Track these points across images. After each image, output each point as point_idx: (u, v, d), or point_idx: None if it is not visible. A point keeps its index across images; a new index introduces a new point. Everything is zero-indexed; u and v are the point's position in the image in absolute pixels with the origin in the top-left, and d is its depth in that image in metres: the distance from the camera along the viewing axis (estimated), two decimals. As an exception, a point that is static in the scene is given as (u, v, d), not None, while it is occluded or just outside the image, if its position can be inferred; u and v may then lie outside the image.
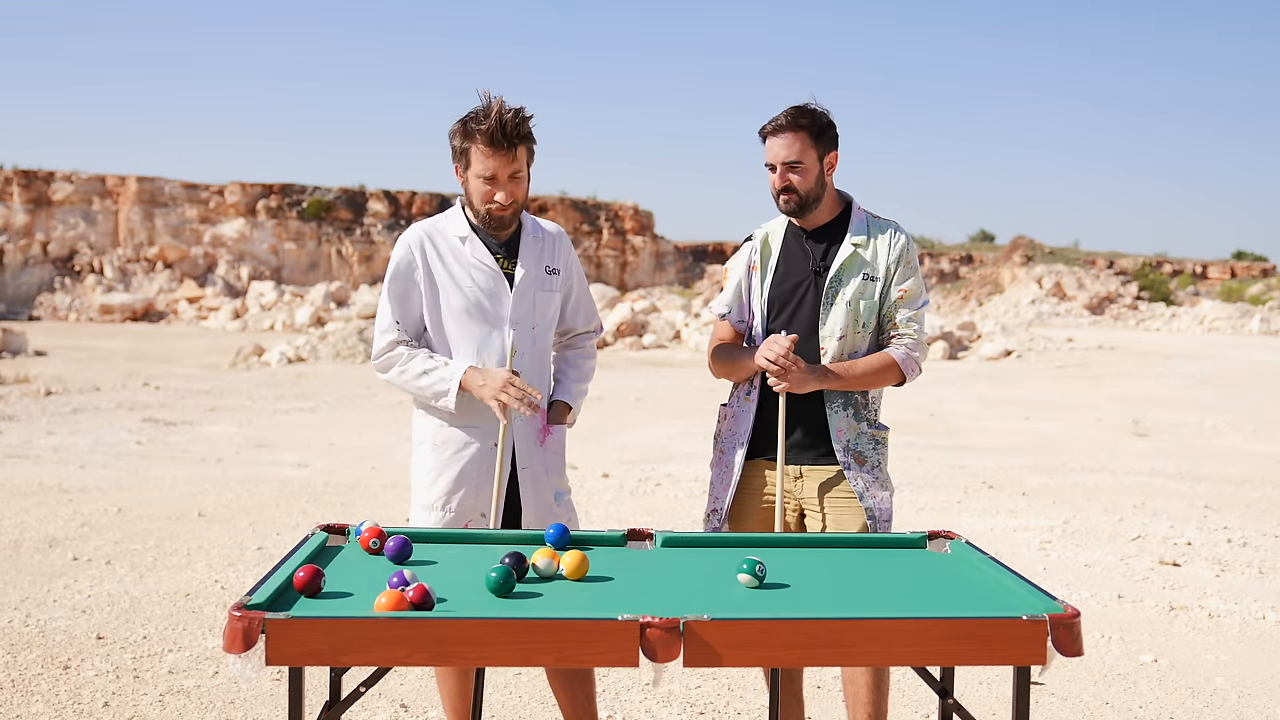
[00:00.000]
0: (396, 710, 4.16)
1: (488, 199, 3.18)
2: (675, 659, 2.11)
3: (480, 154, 3.13)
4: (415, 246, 3.28)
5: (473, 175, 3.17)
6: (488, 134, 3.09)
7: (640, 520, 7.37)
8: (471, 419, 3.26)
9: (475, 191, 3.19)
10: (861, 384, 3.29)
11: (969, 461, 10.52)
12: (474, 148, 3.13)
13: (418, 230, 3.33)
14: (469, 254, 3.27)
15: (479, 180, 3.16)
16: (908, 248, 3.35)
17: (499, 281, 3.27)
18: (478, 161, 3.14)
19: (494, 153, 3.11)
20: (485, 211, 3.21)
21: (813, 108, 3.30)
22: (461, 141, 3.16)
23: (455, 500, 3.25)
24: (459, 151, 3.19)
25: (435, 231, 3.31)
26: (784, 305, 3.36)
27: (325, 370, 20.16)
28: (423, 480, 3.31)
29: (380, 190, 52.19)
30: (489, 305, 3.26)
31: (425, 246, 3.28)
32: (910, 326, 3.33)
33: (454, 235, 3.29)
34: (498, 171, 3.14)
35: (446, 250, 3.28)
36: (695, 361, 23.40)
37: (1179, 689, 4.56)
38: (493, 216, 3.22)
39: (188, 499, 7.95)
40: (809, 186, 3.28)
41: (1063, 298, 51.91)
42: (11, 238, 45.79)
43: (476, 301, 3.25)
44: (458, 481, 3.25)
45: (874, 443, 3.33)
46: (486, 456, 3.25)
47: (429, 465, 3.29)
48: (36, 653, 4.66)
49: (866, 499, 3.27)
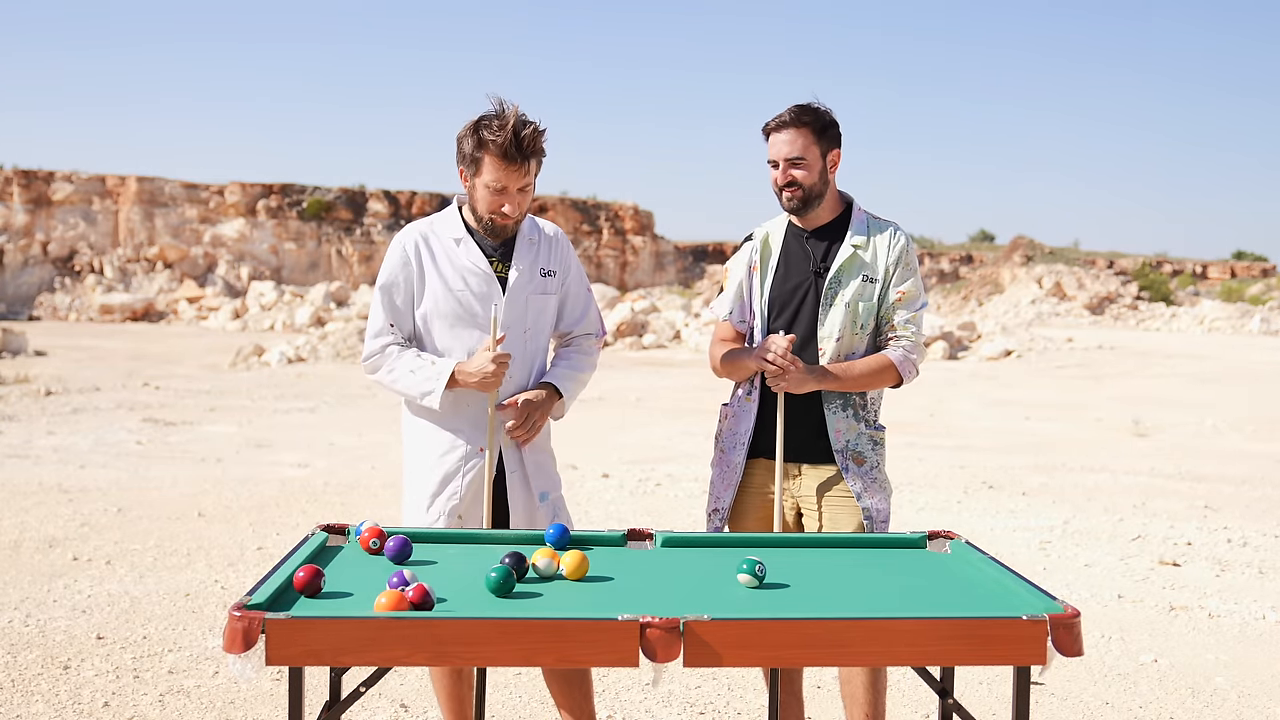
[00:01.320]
0: (396, 710, 4.16)
1: (495, 209, 3.17)
2: (675, 659, 2.11)
3: (492, 165, 3.10)
4: (410, 248, 3.27)
5: (481, 183, 3.15)
6: (502, 147, 3.06)
7: (640, 520, 7.37)
8: (459, 421, 3.25)
9: (482, 199, 3.18)
10: (859, 385, 3.29)
11: (969, 461, 10.52)
12: (486, 157, 3.10)
13: (412, 231, 3.31)
14: (463, 257, 3.25)
15: (487, 190, 3.15)
16: (907, 249, 3.35)
17: (491, 285, 3.25)
18: (489, 171, 3.12)
19: (506, 166, 3.09)
20: (489, 220, 3.21)
21: (816, 105, 3.30)
22: (474, 149, 3.12)
23: (441, 502, 3.24)
24: (469, 157, 3.15)
25: (430, 233, 3.29)
26: (784, 306, 3.36)
27: (325, 370, 20.16)
28: (413, 482, 3.30)
29: (380, 190, 52.20)
30: (480, 309, 3.23)
31: (420, 248, 3.26)
32: (908, 328, 3.33)
33: (448, 237, 3.28)
34: (508, 184, 3.13)
35: (440, 252, 3.26)
36: (695, 361, 23.40)
37: (1179, 689, 4.56)
38: (496, 226, 3.21)
39: (188, 499, 7.95)
40: (812, 182, 3.28)
41: (1063, 298, 51.92)
42: (11, 238, 45.78)
43: (468, 305, 3.24)
44: (444, 483, 3.25)
45: (872, 443, 3.33)
46: (474, 459, 3.25)
47: (418, 467, 3.29)
48: (36, 653, 4.66)
49: (864, 500, 3.27)
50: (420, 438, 3.31)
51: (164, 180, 48.96)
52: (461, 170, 3.20)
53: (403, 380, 3.23)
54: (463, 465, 3.24)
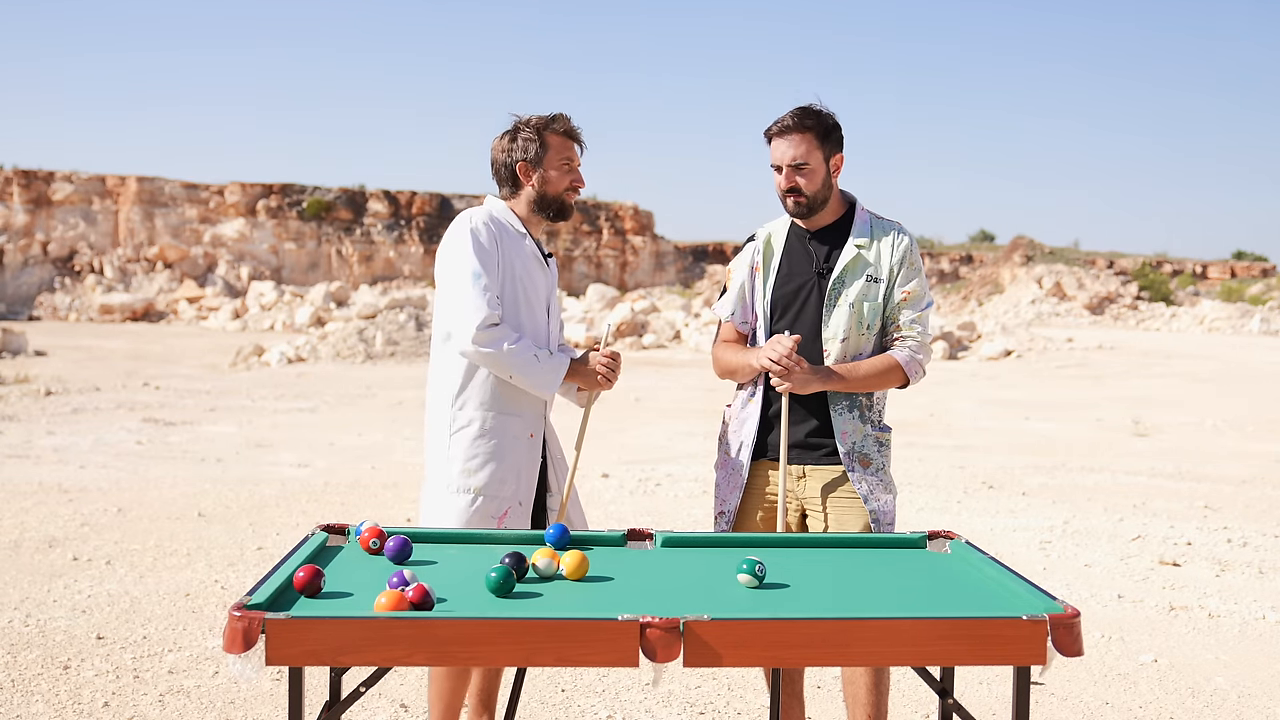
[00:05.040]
0: (396, 710, 4.17)
1: (574, 182, 3.42)
2: (675, 659, 2.11)
3: (561, 144, 3.39)
4: (494, 229, 3.34)
5: (551, 166, 3.38)
6: (566, 127, 3.40)
7: (640, 520, 7.37)
8: (520, 407, 3.35)
9: (557, 180, 3.39)
10: (865, 385, 3.27)
11: (969, 461, 10.52)
12: (554, 140, 3.38)
13: (484, 213, 3.37)
14: (528, 247, 3.40)
15: (561, 167, 3.39)
16: (910, 249, 3.34)
17: (547, 276, 3.47)
18: (558, 151, 3.38)
19: (573, 143, 3.42)
20: (561, 200, 3.41)
21: (819, 109, 3.28)
22: (538, 139, 3.36)
23: (498, 487, 3.30)
24: (534, 147, 3.35)
25: (497, 224, 3.37)
26: (787, 307, 3.35)
27: (325, 370, 20.16)
28: (464, 466, 3.30)
29: (380, 190, 52.20)
30: (539, 298, 3.42)
31: (499, 231, 3.35)
32: (914, 328, 3.32)
33: (514, 227, 3.41)
34: (574, 159, 3.42)
35: (513, 242, 3.38)
36: (695, 361, 23.40)
37: (1179, 689, 4.56)
38: (566, 205, 3.43)
39: (188, 499, 7.95)
40: (815, 189, 3.27)
41: (1063, 298, 51.92)
42: (11, 238, 45.78)
43: (536, 293, 3.41)
44: (505, 469, 3.31)
45: (878, 444, 3.32)
46: (531, 446, 3.37)
47: (475, 452, 3.30)
48: (36, 653, 4.66)
49: (871, 502, 3.26)
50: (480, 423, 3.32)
51: (164, 180, 48.97)
52: (521, 165, 3.37)
53: (526, 363, 3.26)
54: (523, 453, 3.35)
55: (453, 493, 3.30)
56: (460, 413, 3.34)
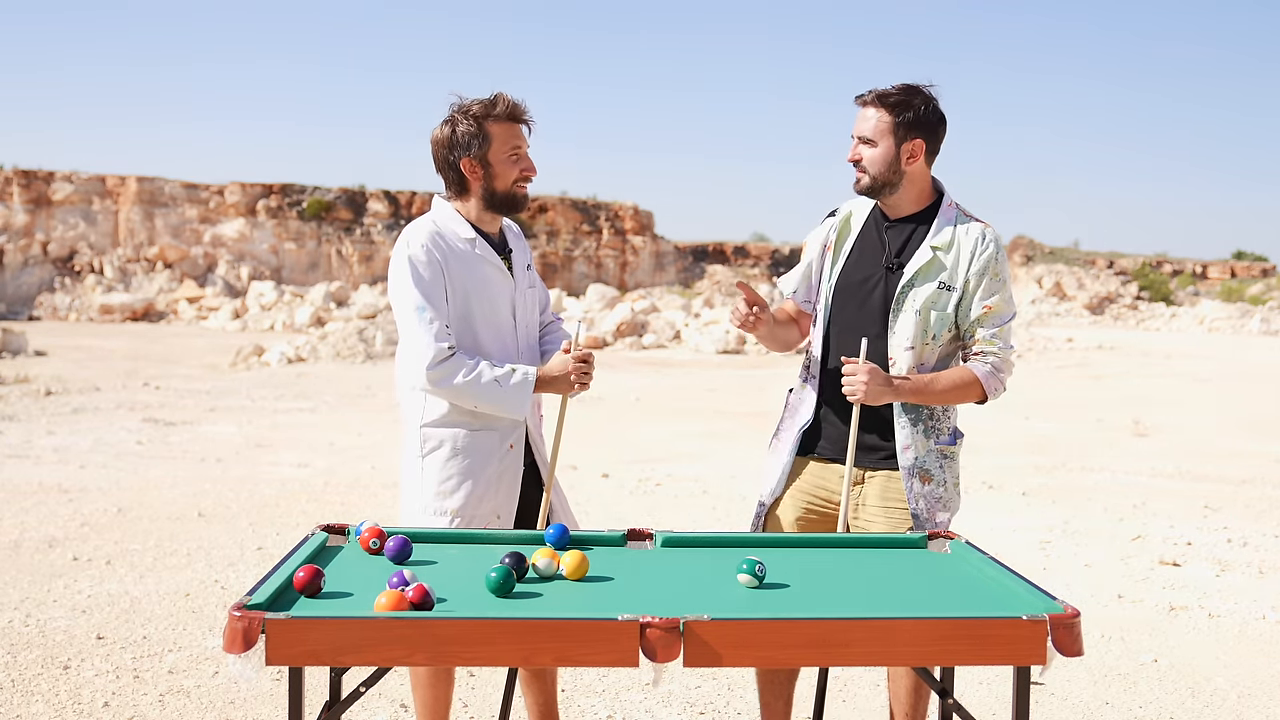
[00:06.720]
0: (396, 710, 4.16)
1: (523, 173, 3.18)
2: (675, 659, 2.11)
3: (503, 131, 3.14)
4: (434, 250, 3.12)
5: (496, 157, 3.15)
6: (508, 109, 3.13)
7: (640, 520, 7.37)
8: (494, 420, 3.19)
9: (503, 172, 3.16)
10: (941, 400, 3.09)
11: (969, 461, 10.49)
12: (495, 127, 3.13)
13: (422, 233, 3.14)
14: (481, 255, 3.20)
15: (507, 158, 3.15)
16: (995, 259, 3.10)
17: (506, 280, 3.25)
18: (501, 140, 3.13)
19: (516, 126, 3.16)
20: (512, 192, 3.19)
21: (913, 90, 3.07)
22: (476, 127, 3.11)
23: (475, 506, 3.18)
24: (474, 137, 3.11)
25: (439, 234, 3.16)
26: (850, 298, 3.17)
27: (325, 370, 20.16)
28: (439, 489, 3.18)
29: (380, 190, 52.16)
30: (502, 305, 3.23)
31: (442, 249, 3.14)
32: (994, 344, 3.11)
33: (460, 238, 3.18)
34: (521, 144, 3.18)
35: (459, 252, 3.16)
36: (695, 361, 23.39)
37: (1179, 689, 4.56)
38: (518, 197, 3.20)
39: (188, 499, 7.95)
40: (878, 170, 3.07)
41: (1063, 298, 51.92)
42: (11, 238, 45.77)
43: (496, 301, 3.22)
44: (480, 488, 3.18)
45: (941, 458, 3.15)
46: (508, 458, 3.22)
47: (449, 474, 3.18)
48: (36, 653, 4.66)
49: (925, 522, 3.11)
50: (451, 442, 3.18)
51: (164, 180, 48.94)
52: (465, 162, 3.15)
53: (488, 389, 3.09)
54: (499, 469, 3.21)
55: (430, 515, 3.19)
56: (432, 432, 3.20)
